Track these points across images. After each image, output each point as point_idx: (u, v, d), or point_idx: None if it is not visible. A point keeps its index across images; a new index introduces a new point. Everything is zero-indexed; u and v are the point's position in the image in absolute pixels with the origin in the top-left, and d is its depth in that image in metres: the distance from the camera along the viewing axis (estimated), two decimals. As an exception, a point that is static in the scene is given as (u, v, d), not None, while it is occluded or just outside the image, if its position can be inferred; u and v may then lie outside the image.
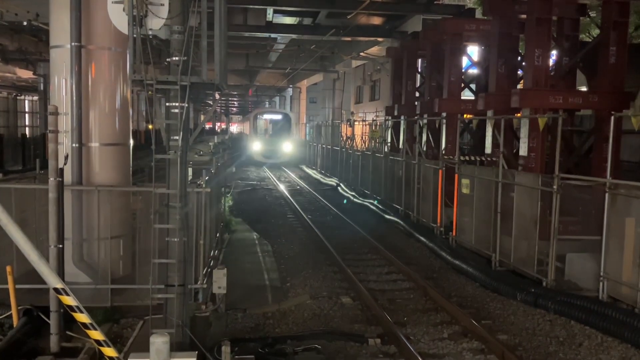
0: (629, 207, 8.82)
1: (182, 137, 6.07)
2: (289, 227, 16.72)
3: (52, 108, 6.61)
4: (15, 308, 6.77)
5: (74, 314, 5.04)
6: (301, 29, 25.44)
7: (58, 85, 8.21)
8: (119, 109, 8.61)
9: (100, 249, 8.01)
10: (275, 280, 10.63)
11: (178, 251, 6.11)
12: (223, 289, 8.05)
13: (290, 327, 8.37)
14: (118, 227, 8.33)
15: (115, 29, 6.12)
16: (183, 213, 6.17)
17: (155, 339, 5.27)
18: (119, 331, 7.38)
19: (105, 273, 7.88)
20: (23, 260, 5.32)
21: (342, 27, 22.87)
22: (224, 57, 6.23)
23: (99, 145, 8.40)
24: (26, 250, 5.01)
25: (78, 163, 8.05)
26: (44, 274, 5.07)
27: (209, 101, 65.60)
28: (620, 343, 7.73)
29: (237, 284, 9.56)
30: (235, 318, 8.48)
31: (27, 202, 8.20)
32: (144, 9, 5.71)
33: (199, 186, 8.35)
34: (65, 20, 7.91)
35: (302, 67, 35.34)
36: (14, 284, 6.69)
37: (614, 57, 12.04)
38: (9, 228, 5.00)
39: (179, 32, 5.95)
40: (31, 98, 42.53)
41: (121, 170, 8.75)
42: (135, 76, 5.91)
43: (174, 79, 5.90)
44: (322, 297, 9.73)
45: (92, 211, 7.93)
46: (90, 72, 8.23)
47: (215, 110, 69.36)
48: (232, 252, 12.32)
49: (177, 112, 6.05)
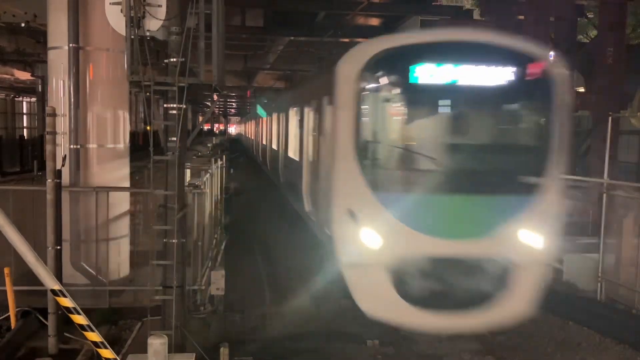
0: None
1: (180, 138, 6.07)
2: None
3: (50, 109, 6.60)
4: (13, 310, 6.76)
5: (72, 316, 5.03)
6: (299, 30, 25.41)
7: (56, 87, 8.20)
8: (116, 111, 8.60)
9: (98, 251, 7.99)
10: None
11: (176, 253, 6.11)
12: (221, 291, 8.04)
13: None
14: (116, 228, 8.32)
15: (113, 30, 6.11)
16: (181, 214, 6.17)
17: (154, 341, 5.27)
18: (117, 333, 7.37)
19: (103, 274, 7.88)
20: (21, 261, 5.31)
21: (340, 29, 22.87)
22: (221, 59, 6.23)
23: (97, 147, 8.39)
24: (23, 252, 5.00)
25: (76, 164, 8.04)
26: (41, 276, 5.06)
27: (207, 102, 65.55)
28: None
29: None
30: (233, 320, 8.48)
31: (24, 204, 8.18)
32: (141, 10, 5.71)
33: (197, 187, 8.34)
34: (63, 22, 7.91)
35: (300, 69, 35.28)
36: (12, 285, 6.68)
37: (611, 58, 12.08)
38: (6, 230, 5.00)
39: (177, 34, 5.95)
40: (29, 99, 42.46)
41: (119, 171, 8.74)
42: (132, 77, 5.91)
43: (172, 81, 5.90)
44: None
45: (90, 213, 7.92)
46: (88, 73, 8.22)
47: (213, 112, 69.33)
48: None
49: (175, 114, 6.05)
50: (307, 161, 11.05)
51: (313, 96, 10.31)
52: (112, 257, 8.17)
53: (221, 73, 6.27)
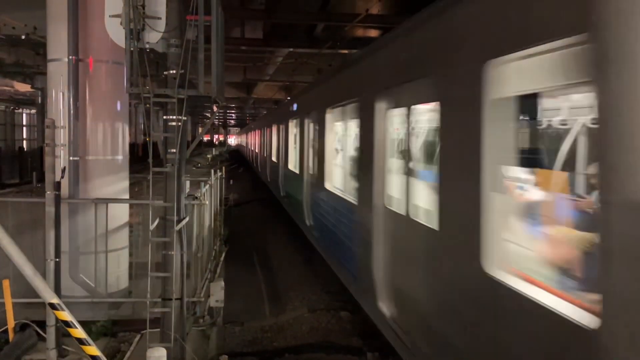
0: None
1: (179, 150, 6.07)
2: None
3: (50, 121, 6.60)
4: (11, 323, 6.72)
5: (70, 330, 5.01)
6: (298, 42, 25.54)
7: (55, 99, 8.20)
8: (116, 122, 8.61)
9: (97, 263, 7.96)
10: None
11: (175, 264, 6.09)
12: (221, 302, 8.02)
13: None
14: (115, 240, 8.30)
15: (113, 42, 6.12)
16: (180, 226, 6.16)
17: (153, 353, 5.23)
18: (116, 345, 7.33)
19: (102, 286, 7.85)
20: (20, 274, 5.29)
21: (338, 40, 22.98)
22: (221, 70, 6.25)
23: (96, 159, 8.39)
24: (21, 265, 4.98)
25: (75, 176, 8.03)
26: (39, 289, 5.04)
27: (206, 113, 65.64)
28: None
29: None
30: (232, 331, 8.45)
31: (23, 215, 8.17)
32: (141, 22, 5.72)
33: (197, 199, 8.34)
34: (63, 34, 7.93)
35: (299, 80, 35.38)
36: (10, 298, 6.65)
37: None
38: (4, 242, 4.98)
39: (176, 46, 5.96)
40: (28, 111, 42.56)
41: (118, 183, 8.74)
42: (132, 90, 5.92)
43: (171, 93, 5.90)
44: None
45: (89, 224, 7.90)
46: (87, 85, 8.23)
47: (212, 123, 69.47)
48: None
49: (174, 125, 6.05)
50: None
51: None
52: (111, 269, 8.13)
53: (220, 85, 6.28)
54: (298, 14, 21.50)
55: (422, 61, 5.43)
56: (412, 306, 5.56)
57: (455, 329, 4.53)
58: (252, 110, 65.80)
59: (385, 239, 6.32)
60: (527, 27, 3.62)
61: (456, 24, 4.72)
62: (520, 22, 3.69)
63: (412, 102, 5.71)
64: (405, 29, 6.17)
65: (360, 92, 7.50)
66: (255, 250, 14.35)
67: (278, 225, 19.16)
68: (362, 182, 7.33)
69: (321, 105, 10.45)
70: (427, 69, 5.24)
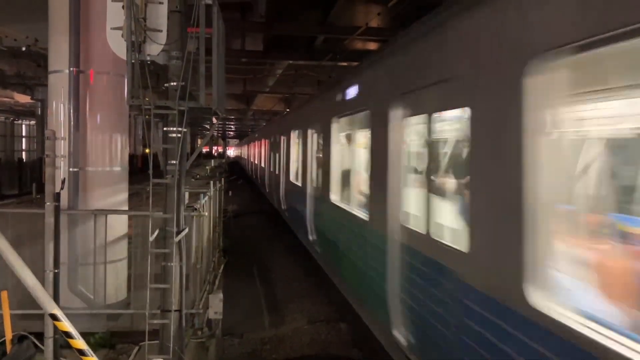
0: None
1: (180, 161, 6.08)
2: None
3: (50, 132, 6.62)
4: (9, 334, 6.69)
5: (70, 341, 4.99)
6: (298, 54, 25.65)
7: (56, 110, 8.23)
8: (116, 134, 8.63)
9: (96, 274, 7.95)
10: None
11: (174, 276, 6.08)
12: (219, 314, 7.99)
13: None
14: (114, 251, 8.29)
15: (114, 54, 6.15)
16: (180, 237, 6.15)
17: (151, 365, 5.22)
18: (115, 357, 7.29)
19: (100, 298, 7.82)
20: (17, 286, 5.28)
21: (338, 52, 23.10)
22: (221, 82, 6.28)
23: (96, 170, 8.40)
24: (22, 276, 4.98)
25: (75, 187, 8.04)
26: (40, 300, 5.03)
27: (206, 125, 65.69)
28: None
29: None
30: (231, 343, 8.41)
31: (23, 226, 8.16)
32: (142, 35, 5.76)
33: (196, 210, 8.34)
34: (64, 46, 7.97)
35: (299, 92, 35.49)
36: (9, 309, 6.62)
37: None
38: (6, 253, 4.98)
39: (177, 58, 5.99)
40: (28, 122, 42.65)
41: (118, 194, 8.74)
42: (133, 101, 5.94)
43: (172, 104, 5.92)
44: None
45: (88, 235, 7.90)
46: (88, 96, 8.26)
47: (212, 135, 69.60)
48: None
49: (174, 137, 6.07)
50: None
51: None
52: (109, 280, 8.12)
53: (221, 97, 6.30)
54: (298, 27, 21.63)
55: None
56: (437, 339, 4.85)
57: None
58: (251, 122, 65.95)
59: (403, 261, 5.71)
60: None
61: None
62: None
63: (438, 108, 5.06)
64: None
65: (371, 100, 7.08)
66: (255, 262, 14.32)
67: (277, 237, 19.14)
68: (375, 197, 6.78)
69: (326, 116, 10.02)
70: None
